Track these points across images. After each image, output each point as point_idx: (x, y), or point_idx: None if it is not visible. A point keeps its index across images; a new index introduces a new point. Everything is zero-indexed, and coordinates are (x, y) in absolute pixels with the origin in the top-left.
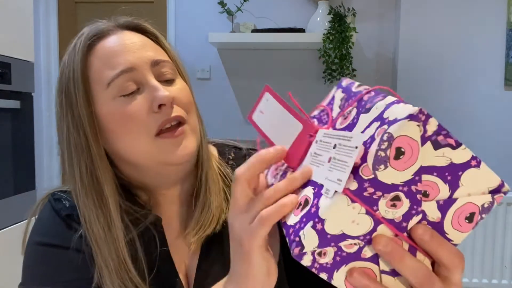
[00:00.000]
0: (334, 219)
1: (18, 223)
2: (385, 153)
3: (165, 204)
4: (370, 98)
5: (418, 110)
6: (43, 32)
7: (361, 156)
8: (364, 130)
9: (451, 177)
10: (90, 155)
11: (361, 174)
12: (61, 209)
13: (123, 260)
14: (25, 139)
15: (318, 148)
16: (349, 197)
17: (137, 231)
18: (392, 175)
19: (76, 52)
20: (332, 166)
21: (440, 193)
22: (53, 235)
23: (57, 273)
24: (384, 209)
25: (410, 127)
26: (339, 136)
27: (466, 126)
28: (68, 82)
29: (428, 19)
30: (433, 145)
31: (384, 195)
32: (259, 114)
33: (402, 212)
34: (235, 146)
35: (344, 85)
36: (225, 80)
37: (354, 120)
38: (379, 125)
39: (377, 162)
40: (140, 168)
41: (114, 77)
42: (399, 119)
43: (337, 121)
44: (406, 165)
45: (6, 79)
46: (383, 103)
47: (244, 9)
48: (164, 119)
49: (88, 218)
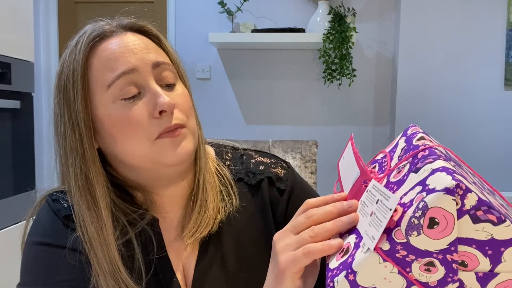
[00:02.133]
0: (366, 274)
1: (17, 223)
2: (419, 221)
3: (162, 205)
4: (424, 156)
5: (455, 185)
6: (43, 32)
7: (397, 219)
8: (408, 192)
9: (492, 251)
10: (84, 156)
11: (394, 237)
12: (59, 209)
13: (114, 262)
14: (25, 139)
15: (367, 198)
16: (381, 256)
17: (134, 232)
18: (425, 242)
19: (78, 52)
20: (371, 221)
21: (479, 265)
22: (51, 235)
23: (55, 273)
24: (417, 272)
25: (445, 200)
26: (382, 192)
27: (466, 126)
28: (67, 81)
29: (428, 19)
30: (471, 219)
31: (417, 259)
32: (342, 161)
33: (436, 277)
34: (232, 146)
35: (408, 133)
36: (225, 80)
37: (405, 177)
38: (420, 190)
39: (410, 228)
40: (137, 169)
41: (115, 78)
42: (436, 190)
43: (392, 173)
44: (441, 235)
45: (6, 79)
46: (430, 167)
47: (244, 9)
48: (165, 127)
49: (83, 218)
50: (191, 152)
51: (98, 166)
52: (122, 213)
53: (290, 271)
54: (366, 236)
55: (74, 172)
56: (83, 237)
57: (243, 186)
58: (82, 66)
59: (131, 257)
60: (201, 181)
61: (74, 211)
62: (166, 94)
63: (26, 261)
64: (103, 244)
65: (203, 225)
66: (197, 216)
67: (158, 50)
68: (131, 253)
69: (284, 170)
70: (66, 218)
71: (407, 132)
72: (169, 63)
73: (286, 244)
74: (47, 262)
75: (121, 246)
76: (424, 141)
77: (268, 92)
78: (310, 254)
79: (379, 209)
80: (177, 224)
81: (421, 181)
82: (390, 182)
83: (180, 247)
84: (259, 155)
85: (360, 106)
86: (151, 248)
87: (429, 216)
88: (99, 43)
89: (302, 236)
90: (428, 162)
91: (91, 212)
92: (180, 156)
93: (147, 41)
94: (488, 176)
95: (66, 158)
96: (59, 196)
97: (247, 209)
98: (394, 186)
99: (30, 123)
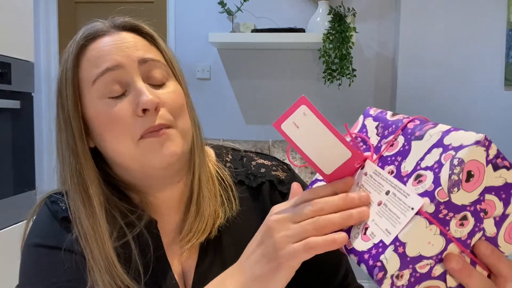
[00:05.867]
0: (414, 242)
1: (17, 223)
2: (458, 176)
3: (159, 207)
4: (417, 126)
5: (484, 137)
6: (43, 32)
7: (432, 181)
8: (424, 157)
9: (505, 195)
10: (77, 155)
11: (438, 197)
12: (57, 211)
13: (110, 257)
14: (25, 139)
15: (367, 182)
16: (428, 220)
17: (132, 234)
18: (463, 196)
19: (70, 53)
20: (381, 212)
21: (496, 210)
22: (49, 237)
23: (53, 274)
24: (454, 229)
25: (479, 152)
26: (393, 184)
27: (466, 125)
28: (61, 83)
29: (428, 19)
30: (493, 167)
31: (455, 216)
32: (291, 126)
33: (467, 230)
34: (232, 148)
35: (373, 114)
36: (225, 80)
37: (406, 147)
38: (442, 151)
39: (452, 186)
40: (129, 170)
41: (99, 74)
42: (467, 145)
43: (383, 149)
44: (475, 186)
45: (6, 79)
46: (437, 130)
47: (244, 9)
48: (148, 126)
49: (78, 215)
50: (177, 155)
51: (92, 165)
52: (119, 212)
53: (288, 265)
54: (375, 226)
55: (69, 170)
56: (79, 234)
57: (243, 189)
58: (72, 66)
59: (128, 257)
60: (196, 183)
61: (70, 208)
62: (152, 92)
63: (24, 263)
64: (98, 240)
65: (199, 230)
66: (193, 221)
67: (149, 48)
68: (128, 254)
69: (285, 172)
70: (64, 219)
71: (370, 112)
72: (159, 60)
73: (286, 236)
74: (45, 264)
75: (119, 248)
76: (399, 116)
77: (268, 92)
78: (312, 250)
79: (392, 202)
80: (175, 227)
81: (436, 144)
82: (386, 157)
83: (179, 250)
84: (260, 157)
85: (360, 106)
86: (149, 250)
87: (466, 170)
88: (90, 43)
89: (305, 228)
90: (429, 128)
91: (86, 209)
92: (165, 158)
93: (139, 40)
94: None
95: (63, 156)
96: (58, 198)
97: (248, 213)
98: (398, 158)
99: (30, 123)
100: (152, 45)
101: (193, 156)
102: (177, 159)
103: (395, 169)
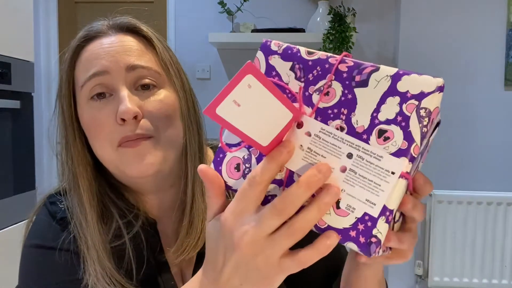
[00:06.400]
0: (397, 203)
1: (17, 223)
2: (427, 128)
3: (156, 208)
4: (352, 68)
5: (443, 81)
6: (43, 32)
7: (403, 137)
8: (379, 108)
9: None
10: (70, 151)
11: (413, 154)
12: (56, 212)
13: (105, 257)
14: (25, 139)
15: (315, 145)
16: (406, 179)
17: (130, 235)
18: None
19: (68, 53)
20: (350, 179)
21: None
22: (48, 238)
23: (51, 274)
24: (412, 173)
25: (439, 97)
26: (354, 145)
27: (466, 126)
28: (60, 82)
29: (428, 19)
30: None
31: (418, 162)
32: (230, 106)
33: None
34: None
35: (278, 50)
36: (225, 80)
37: (348, 96)
38: (401, 100)
39: (423, 138)
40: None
41: (87, 80)
42: (429, 92)
43: (317, 99)
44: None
45: (6, 79)
46: (382, 74)
47: (244, 9)
48: (124, 135)
49: (74, 210)
50: (155, 167)
51: (85, 162)
52: (117, 210)
53: (280, 279)
54: (351, 198)
55: (66, 165)
56: (75, 228)
57: None
58: (68, 67)
59: (122, 255)
60: (189, 196)
61: (68, 209)
62: (133, 101)
63: (23, 264)
64: (93, 234)
65: (191, 245)
66: (184, 236)
67: (143, 53)
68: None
69: None
70: (62, 220)
71: (273, 48)
72: (150, 68)
73: (267, 257)
74: (43, 264)
75: (116, 247)
76: (318, 54)
77: None
78: (303, 264)
79: (361, 167)
80: (172, 231)
81: (389, 92)
82: (324, 109)
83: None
84: None
85: None
86: (149, 250)
87: (432, 119)
88: (86, 44)
89: (281, 242)
90: (370, 72)
91: (80, 207)
92: (141, 170)
93: (135, 43)
94: (488, 176)
95: (61, 154)
96: (57, 198)
97: None
98: (343, 110)
99: (30, 123)
100: (148, 48)
101: (185, 165)
102: (156, 170)
103: (345, 125)
